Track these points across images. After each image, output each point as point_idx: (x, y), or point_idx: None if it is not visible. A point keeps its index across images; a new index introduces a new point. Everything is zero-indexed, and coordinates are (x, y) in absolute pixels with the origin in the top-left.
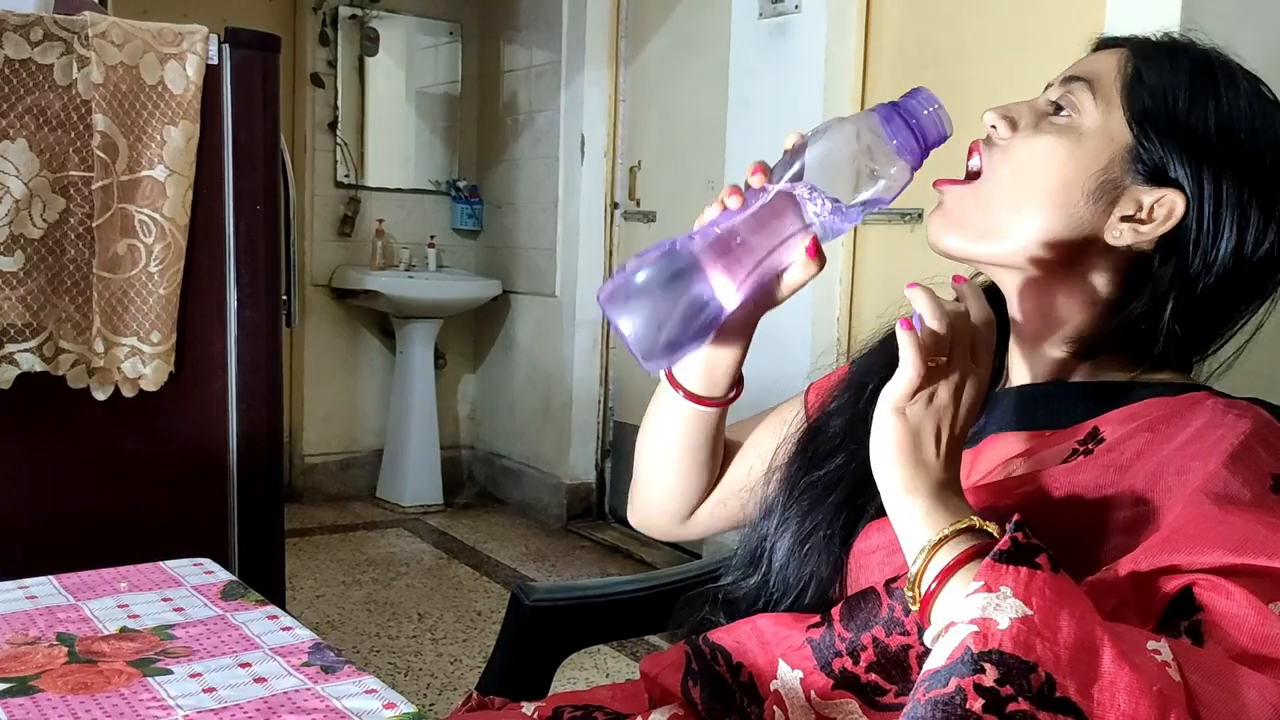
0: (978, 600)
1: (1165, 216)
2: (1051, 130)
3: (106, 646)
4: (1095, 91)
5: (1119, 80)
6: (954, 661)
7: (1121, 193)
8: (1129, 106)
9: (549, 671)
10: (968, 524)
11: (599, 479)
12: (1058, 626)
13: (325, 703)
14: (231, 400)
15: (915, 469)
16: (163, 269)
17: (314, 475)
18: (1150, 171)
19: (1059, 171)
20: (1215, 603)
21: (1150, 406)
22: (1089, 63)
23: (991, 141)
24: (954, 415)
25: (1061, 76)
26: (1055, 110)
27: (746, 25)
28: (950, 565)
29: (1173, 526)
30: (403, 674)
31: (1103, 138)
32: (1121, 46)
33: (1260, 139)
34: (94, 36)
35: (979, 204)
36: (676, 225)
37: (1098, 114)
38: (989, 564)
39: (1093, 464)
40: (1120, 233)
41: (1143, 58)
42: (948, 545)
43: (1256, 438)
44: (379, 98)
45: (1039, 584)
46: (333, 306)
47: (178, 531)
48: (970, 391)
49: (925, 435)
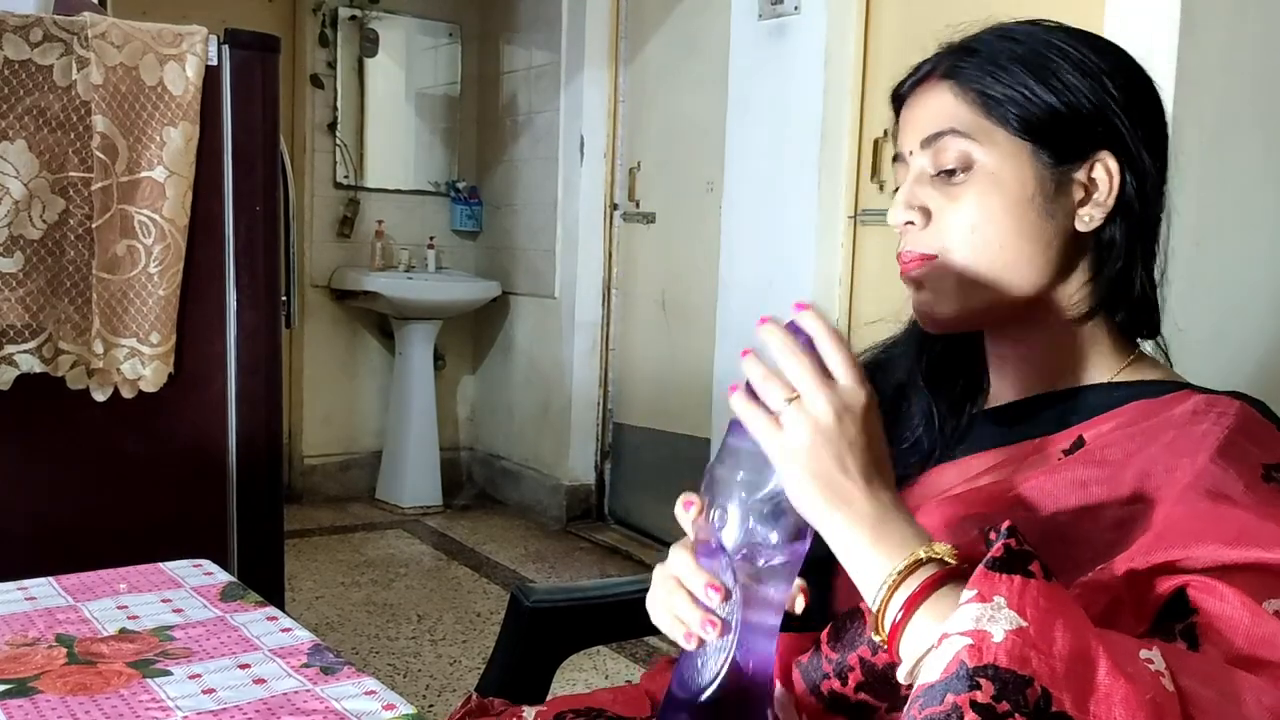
0: (971, 610)
1: (1106, 175)
2: (969, 188)
3: (106, 648)
4: (965, 133)
5: (972, 108)
6: (949, 677)
7: (1064, 186)
8: (1004, 122)
9: (548, 673)
10: (924, 554)
11: (598, 480)
12: (1053, 638)
13: (325, 704)
14: (231, 401)
15: (841, 508)
16: (162, 270)
17: (313, 476)
18: (1067, 154)
19: (1009, 215)
20: (1209, 605)
21: (1134, 409)
22: (921, 116)
23: (913, 236)
24: (850, 441)
25: (908, 147)
26: (950, 174)
27: (746, 26)
28: (916, 593)
29: (1167, 523)
30: (402, 675)
31: (1012, 163)
32: (933, 81)
33: (1105, 64)
34: (94, 37)
35: (967, 280)
36: (676, 226)
37: (987, 148)
38: (982, 572)
39: (1078, 465)
40: (1089, 216)
41: (967, 78)
42: (908, 577)
43: (1241, 430)
44: (378, 99)
45: (1033, 593)
46: (332, 308)
47: (177, 532)
48: (851, 408)
49: (833, 475)
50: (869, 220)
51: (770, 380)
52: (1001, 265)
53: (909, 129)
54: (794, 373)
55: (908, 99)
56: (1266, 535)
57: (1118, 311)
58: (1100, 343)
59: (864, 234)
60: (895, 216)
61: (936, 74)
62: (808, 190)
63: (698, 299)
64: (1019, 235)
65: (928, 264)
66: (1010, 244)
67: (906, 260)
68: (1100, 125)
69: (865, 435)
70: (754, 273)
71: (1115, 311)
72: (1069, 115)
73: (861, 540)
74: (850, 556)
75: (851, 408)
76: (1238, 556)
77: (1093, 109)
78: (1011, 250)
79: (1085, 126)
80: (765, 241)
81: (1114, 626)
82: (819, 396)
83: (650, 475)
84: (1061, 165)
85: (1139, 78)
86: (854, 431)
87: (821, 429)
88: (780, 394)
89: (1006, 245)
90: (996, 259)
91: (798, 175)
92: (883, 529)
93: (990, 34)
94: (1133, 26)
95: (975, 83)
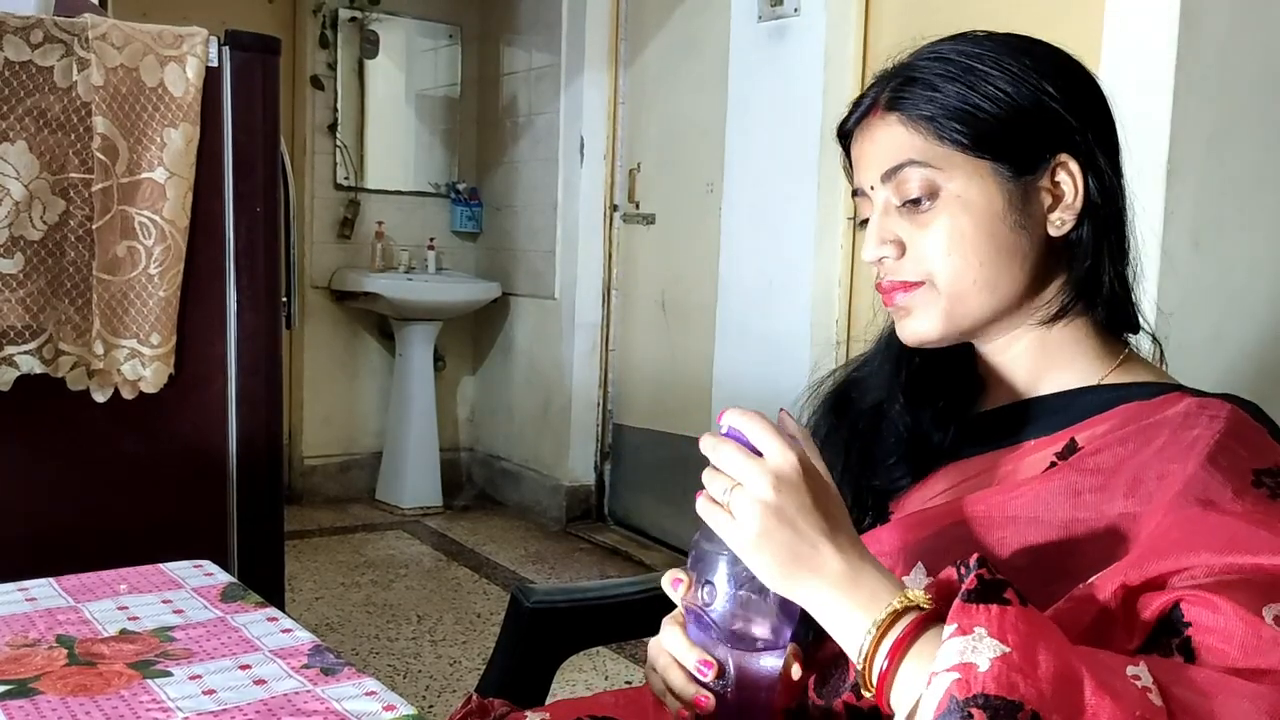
0: (955, 645)
1: (1069, 177)
2: (937, 214)
3: (106, 648)
4: (924, 162)
5: (925, 135)
6: (942, 713)
7: (1031, 195)
8: (958, 145)
9: (548, 673)
10: (899, 604)
11: (598, 481)
12: (1036, 661)
13: (325, 705)
14: (231, 402)
15: (810, 577)
16: (162, 271)
17: (313, 477)
18: (1026, 163)
19: (982, 234)
20: (1203, 618)
21: (1125, 412)
22: (874, 151)
23: (890, 266)
24: (797, 506)
25: (868, 183)
26: (916, 204)
27: (746, 28)
28: (899, 641)
29: (1158, 534)
30: (402, 676)
31: (976, 183)
32: (879, 114)
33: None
34: (94, 39)
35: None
36: (676, 228)
37: (949, 173)
38: (959, 606)
39: (1071, 471)
40: (1060, 221)
41: (913, 106)
42: (889, 630)
43: (1232, 435)
44: (379, 100)
45: (1011, 619)
46: (332, 309)
47: (177, 533)
48: (786, 476)
49: (792, 546)
50: None
51: (715, 476)
52: (983, 282)
53: (864, 164)
54: (728, 464)
55: (855, 134)
56: (1257, 542)
57: (1094, 310)
58: (1085, 343)
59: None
60: (870, 253)
61: (880, 107)
62: (807, 192)
63: (698, 300)
64: (995, 251)
65: (913, 291)
66: (988, 261)
67: (888, 289)
68: (1049, 128)
69: (810, 494)
70: (754, 274)
71: (1091, 311)
72: (1016, 124)
73: (837, 601)
74: (828, 619)
75: (786, 475)
76: (1229, 564)
77: (1036, 113)
78: (990, 267)
79: (1035, 132)
80: (765, 243)
81: (1105, 641)
82: (753, 474)
83: (650, 476)
84: (1023, 175)
85: (1076, 73)
86: (798, 496)
87: (767, 505)
88: (723, 485)
89: (985, 263)
90: (977, 277)
91: (797, 177)
92: (855, 586)
93: (923, 58)
94: (1132, 28)
95: (921, 110)
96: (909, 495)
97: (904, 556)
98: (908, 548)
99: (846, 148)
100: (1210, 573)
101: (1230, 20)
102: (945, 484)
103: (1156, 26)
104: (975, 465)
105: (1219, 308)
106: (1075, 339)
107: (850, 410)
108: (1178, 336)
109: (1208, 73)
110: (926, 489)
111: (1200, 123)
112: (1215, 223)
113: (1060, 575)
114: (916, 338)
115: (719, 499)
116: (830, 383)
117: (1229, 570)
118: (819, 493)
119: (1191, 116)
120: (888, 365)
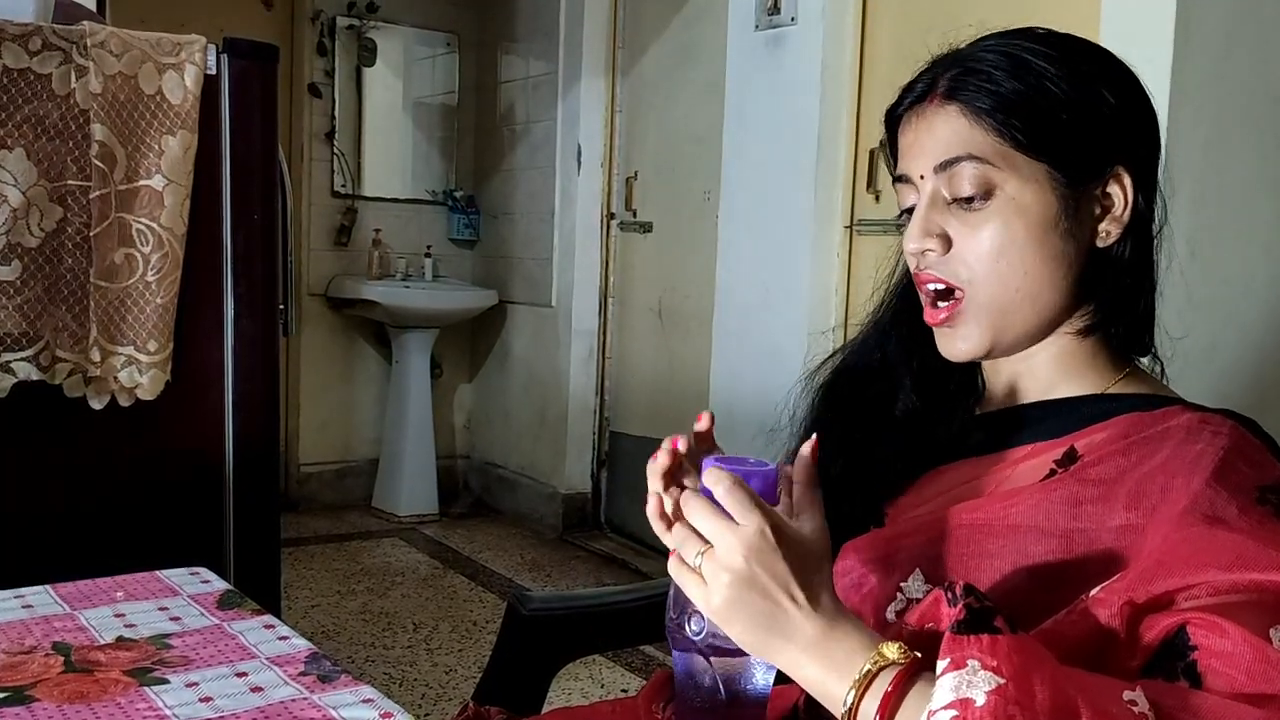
0: (949, 681)
1: (1121, 189)
2: (990, 215)
3: (103, 656)
4: (983, 159)
5: (987, 132)
6: None
7: (1082, 205)
8: (1020, 145)
9: (545, 681)
10: (873, 665)
11: (595, 489)
12: (1032, 692)
13: (322, 712)
14: (228, 409)
15: (784, 642)
16: (160, 278)
17: (309, 484)
18: (1085, 171)
19: (1033, 240)
20: (1210, 641)
21: (1126, 422)
22: (929, 140)
23: (933, 261)
24: (769, 572)
25: (918, 171)
26: (968, 201)
27: (743, 37)
28: (886, 698)
29: (1164, 550)
30: (398, 684)
31: (1033, 187)
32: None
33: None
34: (92, 46)
35: (995, 311)
36: (673, 235)
37: (1007, 174)
38: (950, 638)
39: (1072, 481)
40: (1107, 233)
41: (975, 100)
42: (867, 691)
43: (1235, 452)
44: (376, 108)
45: (1004, 649)
46: (329, 316)
47: (174, 540)
48: (756, 544)
49: (765, 612)
50: (865, 230)
51: (688, 538)
52: (1026, 292)
53: (916, 152)
54: (701, 526)
55: (908, 119)
56: (1265, 559)
57: (1117, 327)
58: (1098, 356)
59: (860, 243)
60: (914, 244)
61: (938, 94)
62: (804, 200)
63: (695, 308)
64: (1043, 260)
65: (957, 307)
66: (1035, 269)
67: (927, 281)
68: (1108, 136)
69: (784, 558)
70: (751, 282)
71: (1115, 326)
72: (1077, 128)
73: (811, 664)
74: (805, 682)
75: (756, 543)
76: (1235, 580)
77: (1097, 119)
78: (1035, 275)
79: (1095, 138)
80: (762, 251)
81: (1105, 657)
82: (724, 541)
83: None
84: (1079, 184)
85: (1134, 86)
86: (768, 561)
87: (737, 572)
88: (694, 548)
89: (1031, 271)
90: (1023, 285)
91: (794, 185)
92: (828, 650)
93: (985, 49)
94: (1128, 35)
95: (984, 104)
96: (904, 496)
97: (901, 561)
98: (905, 552)
99: (893, 132)
100: (1217, 590)
101: (1225, 30)
102: (941, 486)
103: (1152, 37)
104: (972, 468)
105: (1215, 318)
106: (1091, 353)
107: (849, 403)
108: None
109: (1203, 83)
110: (922, 490)
111: (1196, 133)
112: (1211, 233)
113: (1060, 585)
114: (961, 355)
115: (690, 561)
116: (825, 373)
117: (1236, 587)
118: (793, 556)
119: (1187, 126)
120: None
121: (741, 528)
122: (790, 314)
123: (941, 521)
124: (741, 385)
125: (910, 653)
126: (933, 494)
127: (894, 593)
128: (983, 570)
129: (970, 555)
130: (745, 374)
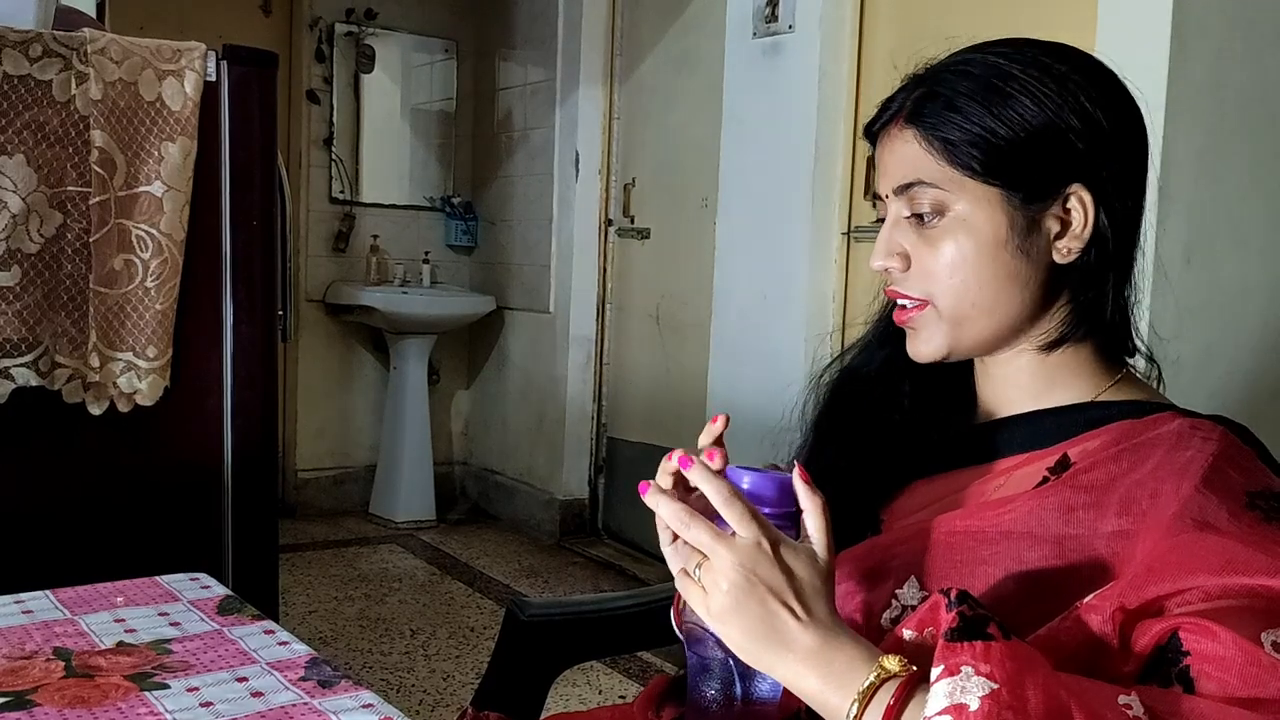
0: (943, 688)
1: (1081, 207)
2: (943, 232)
3: (103, 661)
4: (933, 184)
5: (937, 157)
6: None
7: (1038, 223)
8: (970, 170)
9: (543, 687)
10: (875, 678)
11: (592, 495)
12: (1026, 697)
13: (322, 717)
14: (227, 415)
15: (783, 653)
16: (159, 284)
17: (307, 490)
18: (1037, 191)
19: (984, 258)
20: (1202, 646)
21: (1118, 430)
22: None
23: (896, 277)
24: (767, 585)
25: (884, 190)
26: (923, 219)
27: (740, 44)
28: (891, 706)
29: (1155, 556)
30: (395, 690)
31: (983, 207)
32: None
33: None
34: (93, 53)
35: (952, 321)
36: (671, 242)
37: (957, 194)
38: (944, 646)
39: (1064, 488)
40: (1066, 249)
41: (930, 125)
42: (869, 703)
43: (1225, 458)
44: (374, 114)
45: (997, 655)
46: (327, 322)
47: (172, 546)
48: (752, 561)
49: (765, 623)
50: (862, 236)
51: (689, 552)
52: (982, 306)
53: (883, 171)
54: (695, 540)
55: (881, 137)
56: (1255, 563)
57: (1094, 336)
58: (1083, 364)
59: (857, 250)
60: (877, 262)
61: (901, 117)
62: (802, 206)
63: (692, 314)
64: (996, 276)
65: (916, 313)
66: (989, 284)
67: (892, 296)
68: (1065, 158)
69: (781, 572)
70: (748, 288)
71: (1092, 336)
72: (1031, 152)
73: (809, 676)
74: (805, 693)
75: (753, 560)
76: (1226, 585)
77: (1055, 141)
78: (990, 290)
79: (1049, 161)
80: (760, 257)
81: (1098, 663)
82: (720, 555)
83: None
84: (1033, 203)
85: (1113, 97)
86: (765, 571)
87: (735, 585)
88: (693, 560)
89: (985, 286)
90: (978, 299)
91: (792, 191)
92: (828, 661)
93: (953, 68)
94: (1124, 45)
95: (937, 130)
96: (898, 502)
97: (895, 569)
98: (899, 560)
99: (875, 146)
100: (1208, 595)
101: (1221, 38)
102: (934, 494)
103: (1148, 46)
104: (966, 477)
105: (1210, 325)
106: (1075, 362)
107: (850, 406)
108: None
109: (1199, 91)
110: (916, 497)
111: (1191, 140)
112: (1207, 240)
113: (1052, 592)
114: (922, 357)
115: (689, 572)
116: (830, 375)
117: (1227, 592)
118: (791, 567)
119: (1183, 134)
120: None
121: (741, 541)
122: (788, 321)
123: (936, 528)
124: (739, 392)
125: (910, 665)
126: (926, 502)
127: (889, 600)
128: (977, 577)
129: (964, 562)
130: (743, 381)
